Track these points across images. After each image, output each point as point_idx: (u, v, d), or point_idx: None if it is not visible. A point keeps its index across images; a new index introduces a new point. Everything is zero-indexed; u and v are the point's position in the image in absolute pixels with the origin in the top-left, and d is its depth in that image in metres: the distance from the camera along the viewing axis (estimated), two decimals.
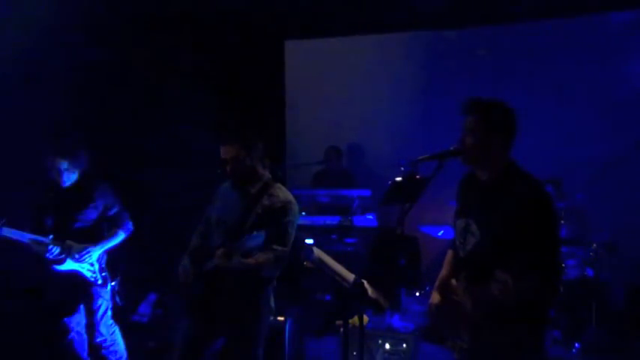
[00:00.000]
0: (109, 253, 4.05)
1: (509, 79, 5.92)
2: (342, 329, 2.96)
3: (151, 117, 5.89)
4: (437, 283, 2.84)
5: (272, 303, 3.39)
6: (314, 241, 5.35)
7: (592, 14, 5.87)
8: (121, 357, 4.18)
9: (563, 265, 4.63)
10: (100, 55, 5.47)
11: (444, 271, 2.86)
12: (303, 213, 5.44)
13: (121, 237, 4.06)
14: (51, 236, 3.84)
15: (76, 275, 3.93)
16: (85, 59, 5.34)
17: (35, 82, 4.94)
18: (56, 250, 3.83)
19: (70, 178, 3.91)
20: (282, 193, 3.31)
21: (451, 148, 2.59)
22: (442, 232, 5.49)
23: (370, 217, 5.58)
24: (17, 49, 4.70)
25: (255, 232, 3.06)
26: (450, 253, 2.86)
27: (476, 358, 2.58)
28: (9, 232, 3.74)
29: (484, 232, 2.52)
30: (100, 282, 3.99)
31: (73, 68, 5.21)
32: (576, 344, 4.50)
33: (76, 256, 3.89)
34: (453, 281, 2.71)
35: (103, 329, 4.05)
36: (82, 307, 4.05)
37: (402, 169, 5.27)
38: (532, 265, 2.37)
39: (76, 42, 5.20)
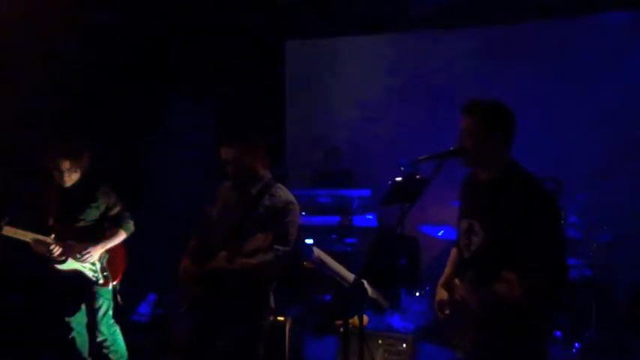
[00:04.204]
0: (111, 252, 4.05)
1: (510, 79, 5.92)
2: (342, 329, 2.96)
3: (152, 117, 5.90)
4: (441, 281, 2.85)
5: (272, 303, 3.40)
6: (314, 241, 5.35)
7: (592, 14, 5.87)
8: (121, 357, 4.18)
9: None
10: (100, 55, 5.47)
11: (447, 270, 2.87)
12: (303, 213, 5.44)
13: (122, 237, 4.07)
14: (52, 236, 3.84)
15: (77, 275, 3.94)
16: (86, 59, 5.35)
17: (35, 82, 4.95)
18: (58, 250, 3.84)
19: (72, 178, 3.92)
20: (284, 193, 3.32)
21: (451, 149, 2.60)
22: (442, 232, 5.49)
23: (370, 217, 5.58)
24: (17, 48, 4.71)
25: (258, 234, 3.06)
26: (454, 252, 2.87)
27: (478, 357, 2.58)
28: (11, 232, 3.75)
29: (488, 233, 2.52)
30: (101, 281, 4.00)
31: (74, 69, 5.21)
32: (576, 344, 4.50)
33: (78, 255, 3.90)
34: (456, 281, 2.71)
35: (104, 329, 4.05)
36: (83, 306, 4.06)
37: (402, 169, 5.27)
38: (538, 263, 2.38)
39: (77, 42, 5.20)
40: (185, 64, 6.16)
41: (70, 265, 3.91)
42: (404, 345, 4.19)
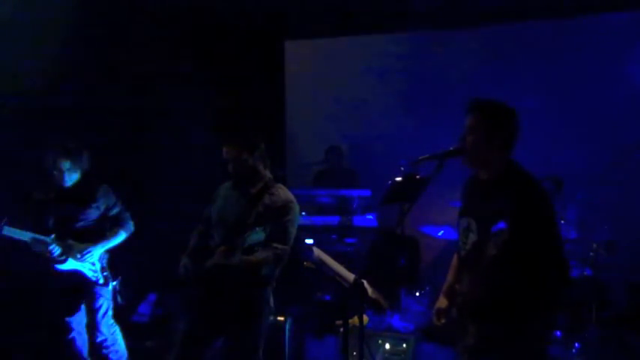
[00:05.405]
0: (111, 252, 4.06)
1: (510, 79, 5.92)
2: (342, 329, 2.96)
3: (152, 117, 5.89)
4: (443, 289, 2.85)
5: (272, 303, 3.40)
6: (314, 241, 5.35)
7: (592, 14, 5.87)
8: (121, 357, 4.19)
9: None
10: (100, 55, 5.48)
11: (449, 277, 2.86)
12: (303, 213, 5.43)
13: (122, 237, 4.07)
14: (52, 235, 3.85)
15: (77, 275, 3.94)
16: (87, 60, 5.35)
17: (36, 82, 4.95)
18: (57, 250, 3.84)
19: (71, 178, 3.93)
20: (283, 192, 3.33)
21: (451, 148, 2.61)
22: (442, 232, 5.49)
23: (370, 217, 5.57)
24: (18, 49, 4.71)
25: (256, 228, 3.07)
26: (455, 258, 2.86)
27: (481, 355, 2.58)
28: (11, 231, 3.75)
29: (483, 231, 2.53)
30: (101, 281, 4.00)
31: (74, 69, 5.22)
32: (576, 344, 4.50)
33: (78, 255, 3.90)
34: (458, 287, 2.72)
35: (104, 329, 4.06)
36: (83, 306, 4.06)
37: (402, 169, 5.27)
38: (538, 262, 2.39)
39: (77, 41, 5.21)
40: (185, 63, 6.15)
41: (70, 265, 3.92)
42: (404, 345, 4.19)
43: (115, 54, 5.60)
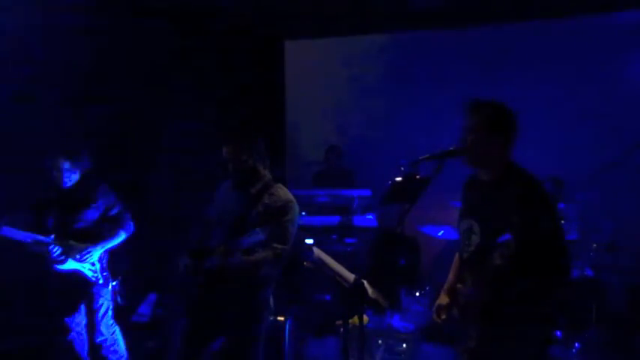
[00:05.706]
0: (110, 252, 4.06)
1: (510, 79, 5.92)
2: (342, 329, 2.96)
3: (152, 117, 5.89)
4: (445, 286, 2.85)
5: (272, 303, 3.40)
6: (314, 241, 5.35)
7: (593, 14, 5.87)
8: (121, 357, 4.18)
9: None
10: (100, 55, 5.47)
11: (451, 276, 2.86)
12: (303, 213, 5.43)
13: (122, 237, 4.07)
14: (52, 236, 3.84)
15: (77, 275, 3.94)
16: (87, 59, 5.35)
17: (37, 83, 4.95)
18: (57, 250, 3.83)
19: (71, 178, 3.92)
20: (283, 192, 3.33)
21: (451, 148, 2.60)
22: (442, 232, 5.49)
23: (370, 217, 5.58)
24: (20, 49, 4.71)
25: (256, 229, 3.07)
26: (457, 257, 2.86)
27: (483, 356, 2.58)
28: (10, 232, 3.75)
29: (486, 232, 2.52)
30: (101, 282, 4.00)
31: (75, 69, 5.22)
32: (576, 344, 4.50)
33: (77, 255, 3.90)
34: (459, 286, 2.71)
35: (103, 329, 4.05)
36: (82, 306, 4.06)
37: (402, 169, 5.27)
38: (540, 263, 2.38)
39: (78, 43, 5.20)
40: (185, 64, 6.15)
41: (70, 265, 3.91)
42: (404, 345, 4.19)
43: (114, 54, 5.59)
